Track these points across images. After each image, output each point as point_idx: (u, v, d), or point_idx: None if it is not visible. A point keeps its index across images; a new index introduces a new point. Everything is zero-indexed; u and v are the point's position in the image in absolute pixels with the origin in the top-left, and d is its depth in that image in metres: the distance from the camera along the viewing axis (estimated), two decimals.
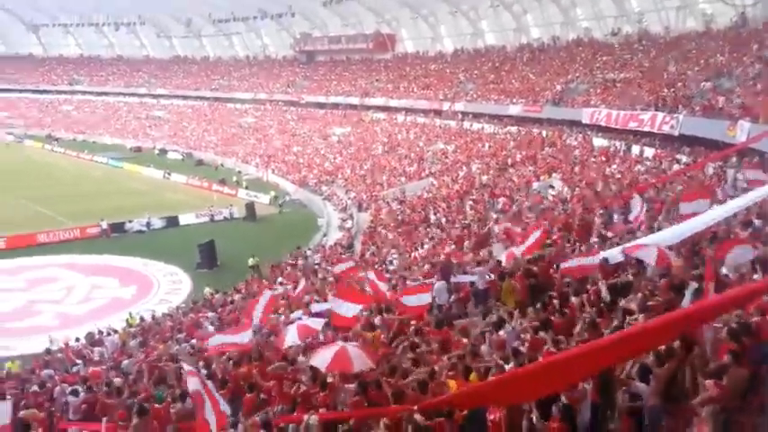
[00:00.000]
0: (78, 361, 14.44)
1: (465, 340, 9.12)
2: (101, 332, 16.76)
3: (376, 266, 18.61)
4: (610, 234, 13.45)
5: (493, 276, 11.99)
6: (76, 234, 31.05)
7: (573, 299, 9.30)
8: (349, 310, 11.03)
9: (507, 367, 7.01)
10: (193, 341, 13.54)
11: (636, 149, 27.59)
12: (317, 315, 12.47)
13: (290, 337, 10.37)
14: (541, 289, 10.78)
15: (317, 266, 21.78)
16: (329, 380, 8.26)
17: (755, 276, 7.65)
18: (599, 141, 30.76)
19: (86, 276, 24.97)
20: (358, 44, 65.62)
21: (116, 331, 16.72)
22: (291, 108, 64.80)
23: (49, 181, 47.13)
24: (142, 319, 17.93)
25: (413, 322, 10.77)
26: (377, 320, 11.39)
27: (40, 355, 15.39)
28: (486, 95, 44.47)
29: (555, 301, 9.45)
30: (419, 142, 43.94)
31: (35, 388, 12.04)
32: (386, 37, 63.72)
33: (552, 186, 23.98)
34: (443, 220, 24.00)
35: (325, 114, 59.90)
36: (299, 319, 12.28)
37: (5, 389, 12.40)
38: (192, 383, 7.69)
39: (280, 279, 20.45)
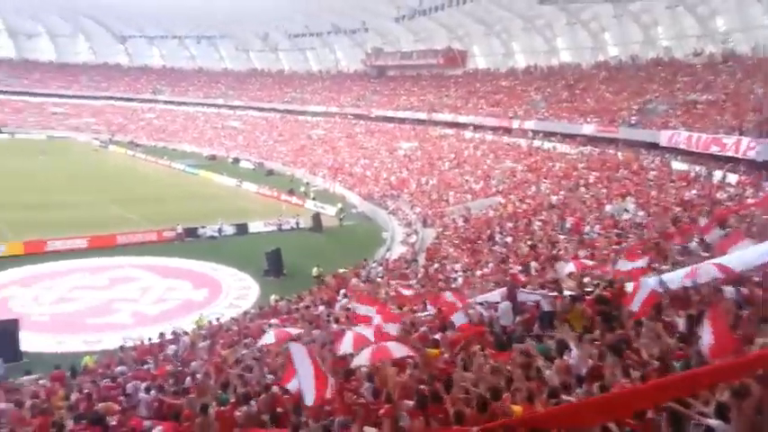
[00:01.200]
0: (150, 359, 15.07)
1: (529, 363, 8.91)
2: (173, 332, 17.43)
3: (440, 283, 18.52)
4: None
5: (556, 295, 11.68)
6: (153, 237, 32.43)
7: (645, 326, 8.93)
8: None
9: (572, 394, 6.81)
10: (259, 346, 13.85)
11: (718, 175, 26.31)
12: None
13: (346, 345, 10.51)
14: (612, 315, 10.43)
15: (379, 280, 21.89)
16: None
17: None
18: (678, 165, 29.53)
19: (161, 278, 26.04)
20: (428, 59, 66.10)
21: (186, 333, 17.33)
22: (360, 121, 65.79)
23: (130, 185, 49.74)
24: (210, 322, 18.53)
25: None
26: (437, 336, 11.33)
27: (115, 352, 16.16)
28: (559, 114, 43.65)
29: (629, 331, 9.10)
30: (486, 160, 43.54)
31: (109, 382, 12.65)
32: (457, 53, 63.82)
33: (627, 210, 23.17)
34: (509, 239, 23.63)
35: (393, 128, 60.44)
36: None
37: (82, 382, 13.08)
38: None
39: (343, 291, 20.66)
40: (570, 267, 13.47)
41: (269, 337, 12.32)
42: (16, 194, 41.09)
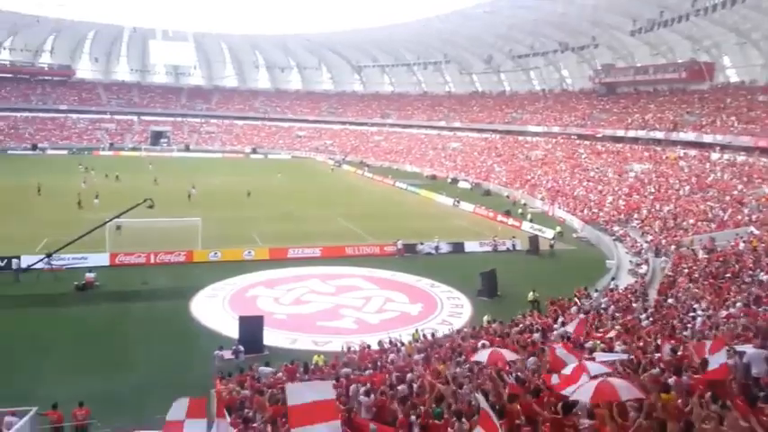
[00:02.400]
0: (369, 365, 15.89)
1: None
2: (390, 342, 18.20)
3: (674, 321, 16.53)
4: None
5: None
6: (376, 251, 34.48)
7: None
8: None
9: None
10: (470, 365, 13.74)
11: None
12: (602, 364, 11.51)
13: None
14: None
15: (602, 311, 20.32)
16: None
17: None
18: None
19: (382, 289, 27.46)
20: (668, 74, 60.57)
21: (403, 344, 17.96)
22: (584, 142, 62.75)
23: (358, 201, 53.86)
24: (426, 336, 18.96)
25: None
26: (671, 381, 10.01)
27: (341, 354, 17.38)
28: None
29: None
30: (737, 185, 38.10)
31: (335, 382, 13.58)
32: (703, 65, 57.39)
33: None
34: (765, 277, 20.22)
35: (622, 149, 56.42)
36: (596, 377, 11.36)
37: (312, 379, 14.29)
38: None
39: (560, 319, 19.59)
40: None
41: (482, 356, 12.15)
42: (265, 208, 47.22)
